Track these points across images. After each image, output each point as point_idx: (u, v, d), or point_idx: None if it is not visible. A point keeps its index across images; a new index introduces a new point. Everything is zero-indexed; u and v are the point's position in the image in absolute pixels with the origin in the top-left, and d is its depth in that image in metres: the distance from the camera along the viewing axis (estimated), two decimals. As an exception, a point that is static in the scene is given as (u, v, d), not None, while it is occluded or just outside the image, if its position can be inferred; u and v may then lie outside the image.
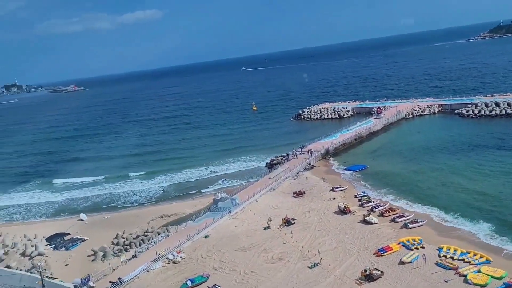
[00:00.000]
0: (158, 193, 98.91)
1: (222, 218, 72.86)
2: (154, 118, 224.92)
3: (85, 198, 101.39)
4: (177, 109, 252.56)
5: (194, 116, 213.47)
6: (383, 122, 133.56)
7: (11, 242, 73.23)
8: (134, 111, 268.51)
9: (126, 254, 63.89)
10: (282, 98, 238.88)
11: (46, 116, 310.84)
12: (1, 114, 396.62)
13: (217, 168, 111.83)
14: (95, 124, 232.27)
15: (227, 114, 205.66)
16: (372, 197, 76.24)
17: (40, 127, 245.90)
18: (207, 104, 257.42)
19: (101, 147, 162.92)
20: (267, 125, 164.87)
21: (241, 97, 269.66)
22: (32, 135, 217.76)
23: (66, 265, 64.14)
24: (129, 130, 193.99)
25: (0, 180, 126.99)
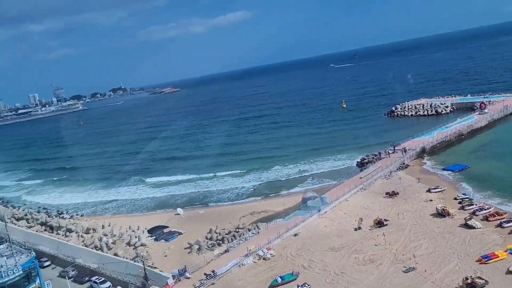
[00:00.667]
0: (248, 190, 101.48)
1: (311, 217, 72.58)
2: (243, 117, 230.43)
3: (182, 195, 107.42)
4: (265, 108, 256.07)
5: (281, 115, 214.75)
6: (488, 118, 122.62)
7: (118, 232, 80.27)
8: (223, 111, 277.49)
9: (219, 248, 66.53)
10: (373, 94, 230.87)
11: (145, 117, 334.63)
12: (111, 115, 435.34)
13: (306, 167, 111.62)
14: (188, 124, 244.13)
15: (315, 112, 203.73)
16: (475, 200, 70.53)
17: (140, 127, 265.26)
18: (294, 102, 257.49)
19: (194, 146, 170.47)
20: (357, 123, 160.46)
21: (330, 95, 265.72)
22: (133, 135, 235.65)
23: (165, 256, 68.65)
24: (220, 129, 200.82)
25: (107, 177, 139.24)
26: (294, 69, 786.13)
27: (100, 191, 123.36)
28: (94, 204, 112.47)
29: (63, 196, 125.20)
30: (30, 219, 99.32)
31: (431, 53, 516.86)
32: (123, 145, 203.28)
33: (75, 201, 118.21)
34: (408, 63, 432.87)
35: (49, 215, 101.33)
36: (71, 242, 78.57)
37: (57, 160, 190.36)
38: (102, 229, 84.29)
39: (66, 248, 74.34)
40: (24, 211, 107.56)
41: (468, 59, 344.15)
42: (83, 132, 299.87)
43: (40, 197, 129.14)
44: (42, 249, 75.84)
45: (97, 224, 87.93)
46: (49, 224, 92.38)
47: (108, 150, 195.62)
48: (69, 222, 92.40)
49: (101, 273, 62.96)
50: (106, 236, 78.68)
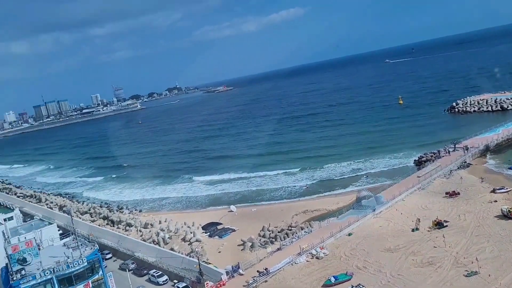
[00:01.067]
0: (301, 189, 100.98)
1: (366, 217, 70.97)
2: (295, 115, 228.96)
3: (235, 192, 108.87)
4: (317, 106, 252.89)
5: (334, 113, 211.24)
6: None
7: (174, 228, 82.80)
8: (275, 109, 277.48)
9: (271, 246, 66.79)
10: (432, 90, 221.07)
11: (199, 115, 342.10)
12: (166, 114, 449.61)
13: (360, 165, 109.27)
14: (239, 122, 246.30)
15: (370, 110, 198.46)
16: (545, 201, 65.75)
17: (194, 126, 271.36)
18: (348, 100, 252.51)
19: (246, 145, 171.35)
20: (415, 120, 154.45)
21: (385, 91, 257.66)
22: (187, 133, 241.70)
23: (219, 252, 69.94)
24: (271, 127, 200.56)
25: (163, 174, 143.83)
26: (347, 66, 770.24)
27: (157, 188, 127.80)
28: (151, 200, 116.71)
29: (122, 193, 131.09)
30: (93, 213, 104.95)
31: (494, 46, 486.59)
32: (177, 143, 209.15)
33: (133, 197, 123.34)
34: (470, 56, 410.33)
35: (110, 210, 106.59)
36: (131, 236, 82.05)
37: (117, 158, 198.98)
38: (159, 224, 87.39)
39: (126, 242, 77.79)
40: (87, 206, 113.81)
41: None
42: (140, 131, 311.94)
43: (101, 193, 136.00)
44: (104, 242, 79.86)
45: (154, 219, 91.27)
46: (110, 218, 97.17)
47: (163, 148, 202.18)
48: (128, 217, 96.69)
49: (158, 267, 65.25)
50: (163, 231, 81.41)
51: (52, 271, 45.17)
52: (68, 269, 45.99)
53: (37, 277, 44.74)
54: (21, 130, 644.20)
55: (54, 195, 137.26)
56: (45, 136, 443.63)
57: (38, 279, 44.73)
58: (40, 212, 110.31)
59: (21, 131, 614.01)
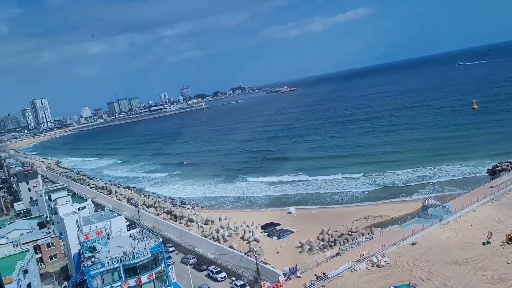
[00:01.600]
0: (363, 193, 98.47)
1: (431, 226, 67.68)
2: (359, 118, 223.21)
3: (294, 194, 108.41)
4: (383, 109, 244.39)
5: (401, 117, 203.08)
6: None
7: (233, 226, 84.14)
8: (337, 111, 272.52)
9: (330, 250, 65.70)
10: (510, 95, 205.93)
11: (261, 115, 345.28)
12: (230, 113, 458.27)
13: (427, 172, 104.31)
14: (300, 124, 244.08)
15: (440, 114, 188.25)
16: None
17: (255, 126, 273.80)
18: (415, 103, 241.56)
19: (307, 147, 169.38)
20: (490, 127, 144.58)
21: (457, 95, 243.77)
22: (249, 133, 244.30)
23: (277, 253, 69.99)
24: (332, 130, 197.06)
25: (225, 173, 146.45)
26: (416, 67, 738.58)
27: (218, 186, 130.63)
28: (212, 197, 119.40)
29: (185, 189, 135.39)
30: (158, 207, 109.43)
31: None
32: (239, 142, 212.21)
33: (195, 194, 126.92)
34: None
35: (174, 205, 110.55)
36: (192, 232, 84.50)
37: (181, 155, 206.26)
38: (219, 221, 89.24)
39: (187, 237, 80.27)
40: (153, 200, 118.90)
41: None
42: (204, 129, 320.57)
43: (165, 188, 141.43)
44: (167, 235, 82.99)
45: (215, 216, 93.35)
46: (173, 213, 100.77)
47: (225, 147, 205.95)
48: (190, 212, 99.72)
49: (217, 263, 66.63)
50: (223, 229, 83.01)
51: (119, 260, 47.68)
52: (133, 259, 48.30)
53: (105, 264, 47.45)
54: (95, 125, 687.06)
55: (124, 188, 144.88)
56: (116, 131, 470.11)
57: (106, 267, 47.43)
58: (110, 203, 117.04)
59: (95, 126, 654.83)
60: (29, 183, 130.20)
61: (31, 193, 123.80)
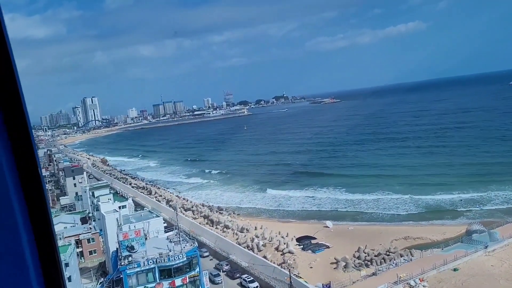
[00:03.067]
0: (404, 213, 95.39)
1: (476, 253, 64.68)
2: (401, 137, 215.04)
3: (332, 208, 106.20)
4: (428, 128, 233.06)
5: (451, 136, 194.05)
6: None
7: (268, 236, 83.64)
8: (384, 128, 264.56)
9: (366, 269, 64.05)
10: None
11: (301, 126, 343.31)
12: (272, 121, 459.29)
13: (474, 197, 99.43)
14: (341, 138, 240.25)
15: (491, 137, 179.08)
16: None
17: (295, 137, 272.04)
18: (468, 123, 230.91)
19: (345, 163, 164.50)
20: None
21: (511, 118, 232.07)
22: (288, 144, 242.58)
23: (310, 268, 68.88)
24: (378, 148, 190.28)
25: (263, 183, 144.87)
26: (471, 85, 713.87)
27: (256, 194, 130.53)
28: (249, 206, 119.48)
29: (222, 195, 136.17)
30: (196, 211, 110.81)
31: None
32: (279, 153, 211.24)
33: (232, 200, 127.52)
34: None
35: (211, 210, 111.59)
36: (227, 238, 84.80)
37: (219, 161, 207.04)
38: (254, 230, 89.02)
39: (222, 243, 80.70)
40: (191, 203, 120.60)
41: None
42: (245, 136, 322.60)
43: (203, 192, 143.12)
44: (203, 240, 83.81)
45: (251, 224, 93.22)
46: (210, 218, 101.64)
47: (264, 157, 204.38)
48: (227, 219, 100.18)
49: (250, 273, 66.46)
50: (258, 238, 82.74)
51: (155, 261, 48.62)
52: (169, 262, 49.13)
53: (141, 265, 48.52)
54: (141, 126, 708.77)
55: (163, 189, 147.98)
56: (159, 133, 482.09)
57: (142, 267, 48.48)
58: (149, 203, 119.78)
59: (140, 127, 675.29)
60: (75, 179, 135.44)
61: (77, 189, 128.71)
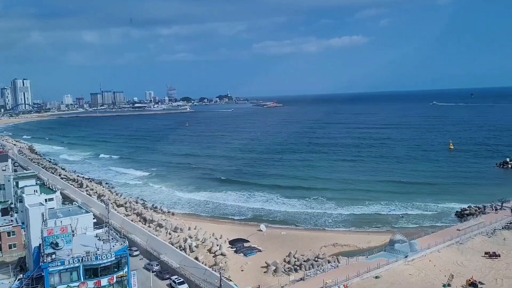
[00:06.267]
0: (335, 220, 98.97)
1: (396, 262, 68.58)
2: (340, 144, 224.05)
3: (268, 212, 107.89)
4: (361, 139, 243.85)
5: (378, 148, 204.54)
6: None
7: (202, 237, 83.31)
8: (319, 136, 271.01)
9: (295, 274, 65.72)
10: (486, 141, 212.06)
11: (244, 127, 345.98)
12: (215, 120, 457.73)
13: (399, 207, 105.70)
14: (284, 141, 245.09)
15: (417, 150, 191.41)
16: None
17: (238, 137, 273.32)
18: (395, 137, 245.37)
19: (284, 166, 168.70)
20: (464, 168, 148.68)
21: (435, 134, 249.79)
22: (230, 144, 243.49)
23: (241, 271, 69.47)
24: (314, 156, 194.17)
25: (201, 182, 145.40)
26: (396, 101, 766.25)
27: (193, 194, 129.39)
28: (185, 205, 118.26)
29: (160, 193, 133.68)
30: (129, 207, 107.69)
31: None
32: (220, 152, 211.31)
33: (169, 198, 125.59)
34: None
35: (145, 207, 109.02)
36: (160, 238, 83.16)
37: (157, 157, 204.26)
38: (188, 230, 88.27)
39: (154, 242, 78.95)
40: (124, 199, 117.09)
41: None
42: (186, 134, 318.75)
43: (139, 189, 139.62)
44: (134, 238, 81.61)
45: (185, 224, 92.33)
46: (143, 215, 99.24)
47: (204, 155, 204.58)
48: (161, 217, 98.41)
49: (181, 274, 65.70)
50: (191, 239, 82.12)
51: (81, 260, 46.69)
52: (96, 261, 47.37)
53: (65, 263, 46.38)
54: (76, 114, 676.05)
55: (96, 183, 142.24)
56: (95, 123, 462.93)
57: (66, 265, 46.37)
58: (79, 197, 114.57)
59: (76, 115, 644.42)
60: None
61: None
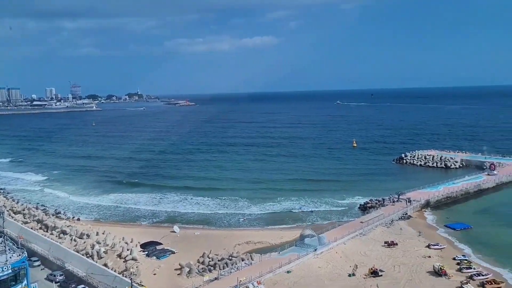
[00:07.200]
0: (248, 219, 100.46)
1: (306, 256, 71.71)
2: (250, 143, 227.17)
3: (182, 212, 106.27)
4: (270, 137, 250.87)
5: (286, 146, 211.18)
6: (496, 180, 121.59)
7: (111, 242, 79.52)
8: (231, 135, 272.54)
9: (209, 274, 65.63)
10: (384, 139, 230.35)
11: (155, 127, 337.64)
12: (124, 119, 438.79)
13: (308, 203, 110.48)
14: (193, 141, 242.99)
15: (323, 148, 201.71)
16: (474, 263, 69.29)
17: (149, 136, 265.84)
18: (303, 135, 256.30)
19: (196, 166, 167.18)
20: (366, 164, 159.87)
21: (340, 132, 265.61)
22: (140, 144, 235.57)
23: (154, 274, 67.61)
24: (226, 155, 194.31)
25: (109, 184, 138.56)
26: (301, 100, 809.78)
27: (100, 197, 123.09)
28: (92, 209, 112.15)
29: (63, 197, 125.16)
30: (27, 214, 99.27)
31: (449, 105, 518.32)
32: (130, 152, 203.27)
33: (74, 203, 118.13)
34: (426, 111, 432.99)
35: (46, 213, 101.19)
36: (64, 245, 77.92)
37: (60, 159, 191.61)
38: (96, 235, 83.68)
39: (57, 250, 73.81)
40: (22, 206, 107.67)
41: (486, 117, 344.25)
42: (93, 134, 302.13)
43: (40, 194, 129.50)
44: (34, 248, 75.54)
45: (92, 230, 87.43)
46: (45, 222, 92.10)
47: (114, 156, 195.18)
48: (64, 223, 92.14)
49: (88, 283, 62.24)
50: (99, 244, 77.99)
51: (-29, 275, 42.17)
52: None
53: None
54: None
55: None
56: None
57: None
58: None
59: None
60: None
61: None
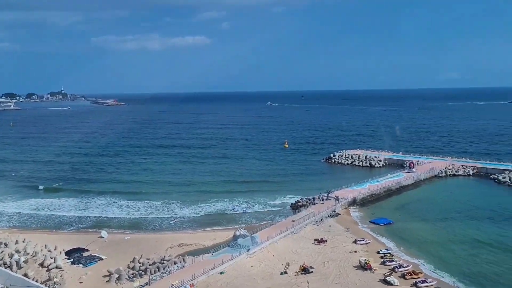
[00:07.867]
0: (180, 221, 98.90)
1: (240, 256, 72.02)
2: (182, 144, 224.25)
3: (110, 217, 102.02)
4: (202, 138, 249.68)
5: (218, 148, 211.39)
6: (415, 177, 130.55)
7: (32, 250, 74.45)
8: (161, 136, 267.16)
9: (140, 280, 63.70)
10: (314, 139, 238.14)
11: (81, 127, 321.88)
12: (46, 120, 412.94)
13: (240, 203, 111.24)
14: (122, 142, 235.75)
15: (255, 149, 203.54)
16: (396, 256, 73.79)
17: (74, 138, 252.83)
18: (235, 136, 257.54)
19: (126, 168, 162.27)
20: (297, 165, 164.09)
21: (272, 133, 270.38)
22: (65, 146, 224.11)
23: (80, 283, 64.26)
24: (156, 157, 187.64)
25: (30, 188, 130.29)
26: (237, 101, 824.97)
27: (20, 202, 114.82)
28: (12, 216, 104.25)
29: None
30: None
31: (373, 107, 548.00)
32: (53, 155, 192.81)
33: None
34: (352, 112, 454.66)
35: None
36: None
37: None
38: (15, 244, 77.85)
39: (-31, 263, 67.77)
40: None
41: (405, 119, 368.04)
42: (10, 135, 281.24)
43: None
44: None
45: (10, 238, 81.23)
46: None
47: (36, 159, 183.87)
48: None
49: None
50: (19, 253, 72.70)
51: None
52: None
53: None
54: None
55: None
56: None
57: None
58: None
59: None
60: None
61: None
